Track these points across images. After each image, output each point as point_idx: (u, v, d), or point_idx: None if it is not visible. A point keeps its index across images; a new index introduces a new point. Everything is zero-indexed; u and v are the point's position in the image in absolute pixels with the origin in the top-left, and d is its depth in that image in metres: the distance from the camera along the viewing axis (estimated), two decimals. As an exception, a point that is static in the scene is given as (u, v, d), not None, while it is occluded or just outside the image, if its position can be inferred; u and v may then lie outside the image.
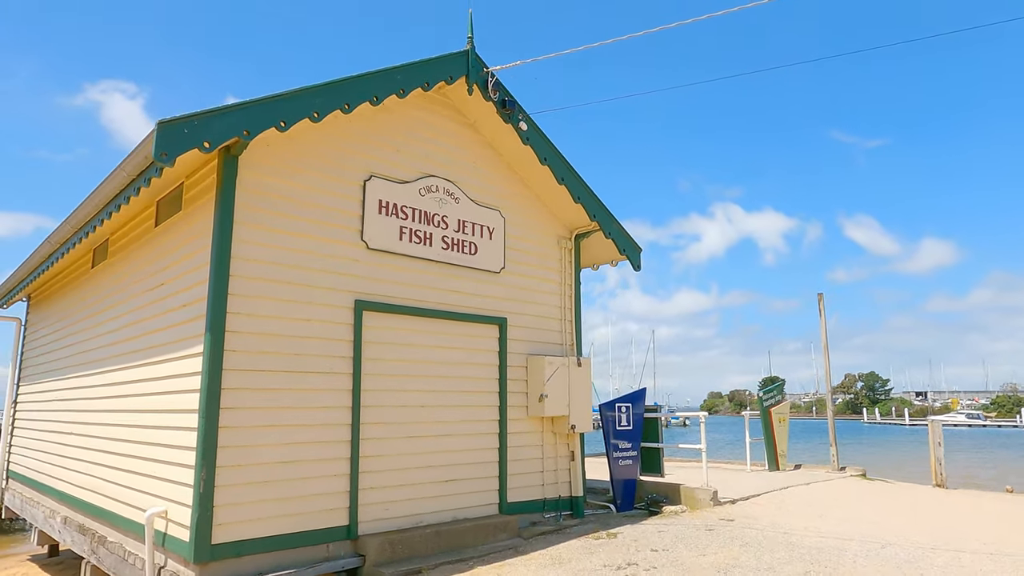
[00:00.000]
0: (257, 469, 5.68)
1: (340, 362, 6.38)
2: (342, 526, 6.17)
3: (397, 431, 6.77)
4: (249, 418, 5.69)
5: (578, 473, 8.37)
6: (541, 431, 8.19)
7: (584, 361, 8.43)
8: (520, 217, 8.37)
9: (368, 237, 6.76)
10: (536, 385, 8.00)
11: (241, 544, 5.51)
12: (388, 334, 6.83)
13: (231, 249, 5.76)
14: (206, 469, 5.37)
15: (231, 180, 5.81)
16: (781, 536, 7.11)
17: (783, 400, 13.47)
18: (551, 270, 8.66)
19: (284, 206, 6.18)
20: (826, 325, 13.25)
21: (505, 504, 7.58)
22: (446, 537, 6.65)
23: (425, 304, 7.16)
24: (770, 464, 12.81)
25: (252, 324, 5.82)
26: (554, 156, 8.09)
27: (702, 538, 7.02)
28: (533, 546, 6.95)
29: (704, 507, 8.60)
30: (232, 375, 5.63)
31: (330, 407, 6.24)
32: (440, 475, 7.05)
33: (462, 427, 7.36)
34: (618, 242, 8.86)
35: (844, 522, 7.89)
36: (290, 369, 6.01)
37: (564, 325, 8.68)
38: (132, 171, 5.81)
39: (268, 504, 5.72)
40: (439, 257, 7.36)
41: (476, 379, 7.58)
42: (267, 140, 6.12)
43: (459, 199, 7.67)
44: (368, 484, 6.42)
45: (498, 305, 7.92)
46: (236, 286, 5.76)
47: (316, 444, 6.09)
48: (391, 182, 7.04)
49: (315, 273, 6.31)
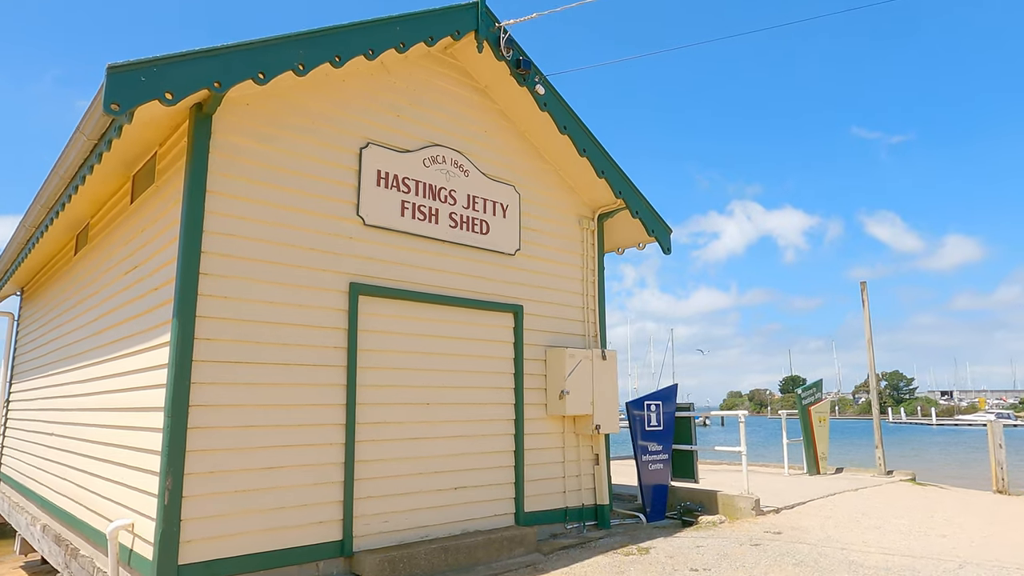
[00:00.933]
0: (233, 476, 4.90)
1: (333, 353, 5.58)
2: (334, 541, 5.37)
3: (399, 432, 5.95)
4: (224, 417, 4.91)
5: (603, 479, 7.50)
6: (562, 432, 7.34)
7: (610, 354, 7.56)
8: (537, 193, 7.52)
9: (365, 212, 5.95)
10: (556, 380, 7.15)
11: (214, 565, 4.73)
12: (388, 322, 6.02)
13: (203, 222, 4.98)
14: (172, 477, 4.59)
15: (203, 143, 5.03)
16: (839, 553, 6.19)
17: (823, 398, 12.48)
18: (572, 253, 7.80)
19: (267, 175, 5.40)
20: (869, 317, 12.23)
21: (522, 514, 6.74)
22: (454, 553, 5.83)
23: (430, 289, 6.34)
24: (809, 467, 11.83)
25: (228, 309, 5.03)
26: (575, 124, 7.24)
27: (748, 555, 6.12)
28: (553, 563, 6.10)
29: (745, 517, 7.69)
30: (204, 368, 4.85)
31: (321, 405, 5.44)
32: (448, 482, 6.23)
33: (473, 428, 6.53)
34: (646, 222, 7.98)
35: (907, 536, 6.94)
36: (273, 361, 5.22)
37: (587, 314, 7.81)
38: (92, 133, 5.05)
39: (247, 517, 4.93)
40: (446, 236, 6.53)
41: (488, 374, 6.75)
42: (246, 98, 5.34)
43: (468, 172, 6.83)
44: (365, 493, 5.62)
45: (513, 291, 7.07)
46: (209, 265, 4.97)
47: (304, 447, 5.29)
48: (391, 151, 6.23)
49: (303, 252, 5.52)
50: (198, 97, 4.89)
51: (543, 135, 7.39)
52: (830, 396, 12.99)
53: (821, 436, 11.98)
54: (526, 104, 7.11)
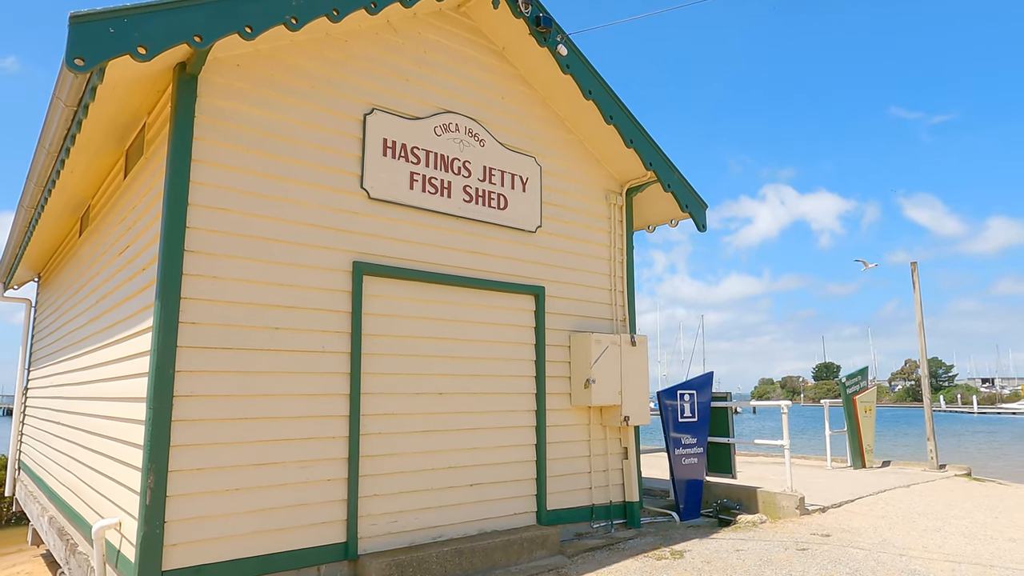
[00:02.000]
0: (224, 474, 4.46)
1: (335, 339, 5.10)
2: (337, 544, 4.91)
3: (408, 425, 5.46)
4: (213, 409, 4.46)
5: (632, 474, 6.94)
6: (587, 424, 6.79)
7: (640, 339, 6.97)
8: (559, 165, 6.93)
9: (370, 185, 5.44)
10: (581, 368, 6.59)
11: (203, 570, 4.30)
12: (396, 305, 5.52)
13: (187, 194, 4.51)
14: (154, 474, 4.16)
15: (188, 106, 4.56)
16: (898, 560, 5.56)
17: (869, 387, 11.70)
18: (598, 230, 7.20)
19: (260, 142, 4.91)
20: (920, 300, 11.39)
21: (544, 512, 6.22)
22: (469, 556, 5.34)
23: (443, 268, 5.82)
24: (854, 460, 11.11)
25: (217, 289, 4.58)
26: (600, 88, 6.61)
27: (795, 562, 5.52)
28: (578, 567, 5.58)
29: (788, 517, 7.07)
30: (190, 354, 4.40)
31: (322, 395, 4.97)
32: (463, 478, 5.74)
33: (490, 419, 6.01)
34: (679, 196, 7.33)
35: (973, 539, 6.26)
36: (268, 347, 4.76)
37: (614, 296, 7.22)
38: (69, 99, 4.60)
39: (239, 518, 4.49)
40: (460, 211, 5.99)
41: (507, 361, 6.21)
42: (237, 58, 4.85)
43: (484, 141, 6.27)
44: (371, 491, 5.15)
45: (534, 271, 6.51)
46: (194, 241, 4.51)
47: (303, 441, 4.83)
48: (399, 117, 5.70)
49: (302, 228, 5.03)
50: (179, 55, 4.42)
51: (566, 101, 6.79)
52: (875, 384, 12.17)
53: (867, 427, 11.23)
54: (547, 67, 6.50)
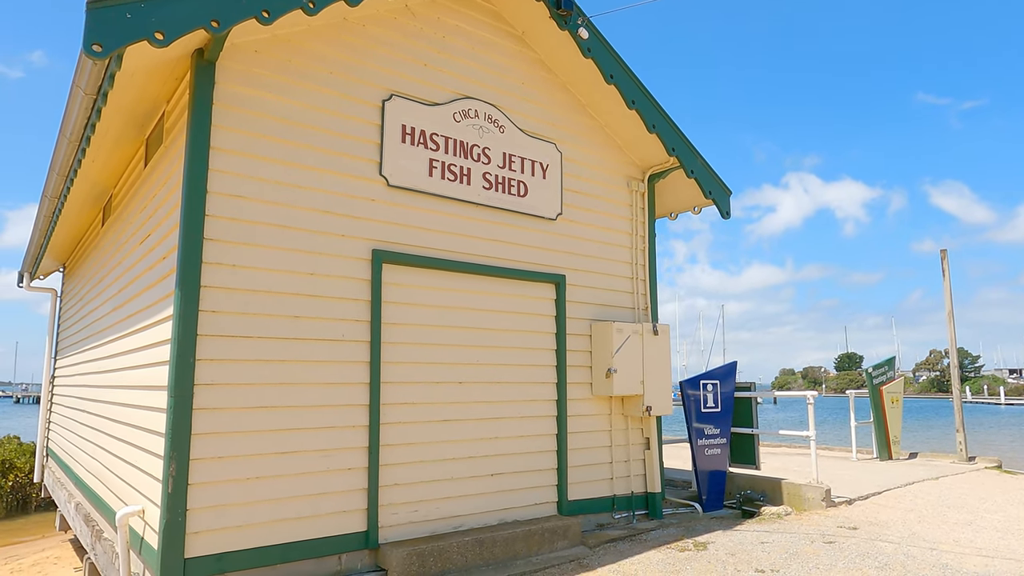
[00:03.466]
0: (245, 462, 4.45)
1: (354, 327, 5.07)
2: (358, 533, 4.90)
3: (428, 414, 5.43)
4: (234, 397, 4.45)
5: (655, 464, 6.86)
6: (609, 413, 6.71)
7: (662, 328, 6.86)
8: (580, 152, 6.82)
9: (389, 172, 5.38)
10: (602, 358, 6.50)
11: (225, 558, 4.31)
12: (416, 293, 5.47)
13: (206, 182, 4.49)
14: (176, 462, 4.17)
15: (206, 93, 4.52)
16: (928, 554, 5.42)
17: (896, 377, 11.46)
18: (620, 218, 7.08)
19: (279, 129, 4.86)
20: (950, 288, 11.11)
21: (565, 503, 6.16)
22: (490, 545, 5.30)
23: (462, 257, 5.76)
24: (880, 452, 10.90)
25: (236, 278, 4.56)
26: (622, 72, 6.48)
27: (822, 555, 5.41)
28: (600, 558, 5.52)
29: (814, 509, 6.94)
30: (210, 343, 4.39)
31: (341, 384, 4.95)
32: (484, 468, 5.70)
33: (511, 409, 5.96)
34: (703, 182, 7.18)
35: (1006, 534, 6.09)
36: (289, 336, 4.73)
37: (636, 285, 7.11)
38: (89, 87, 4.58)
39: (260, 506, 4.49)
40: (479, 198, 5.91)
41: (528, 350, 6.15)
42: (254, 44, 4.80)
43: (504, 127, 6.18)
44: (391, 480, 5.12)
45: (554, 259, 6.43)
46: (214, 229, 4.49)
47: (323, 430, 4.81)
48: (418, 103, 5.62)
49: (320, 215, 4.99)
50: (197, 41, 4.38)
51: (587, 86, 6.67)
52: (902, 374, 11.92)
53: (894, 418, 11.01)
54: (568, 51, 6.38)
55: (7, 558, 9.42)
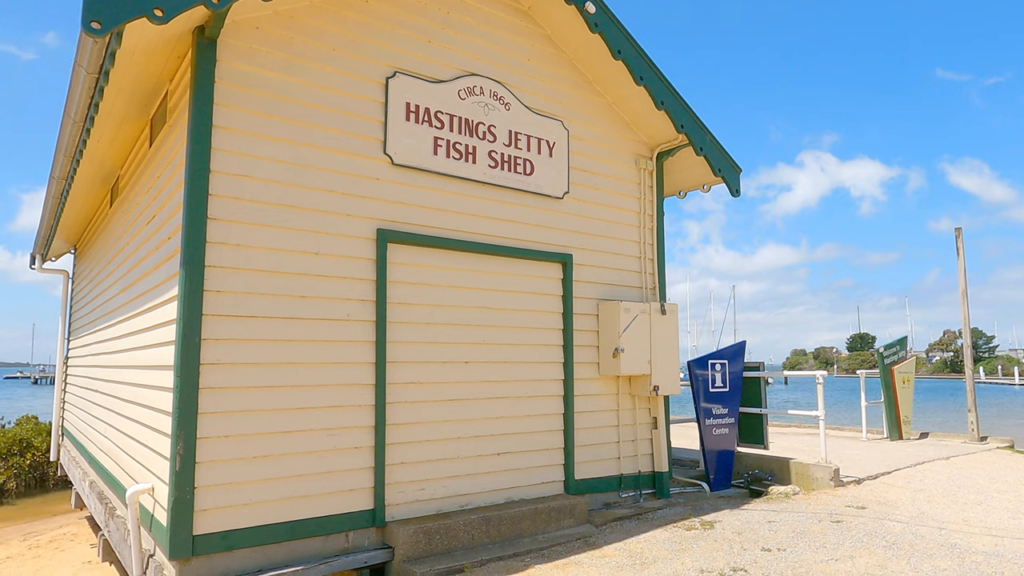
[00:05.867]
0: (252, 441, 4.48)
1: (359, 307, 5.06)
2: (365, 511, 4.94)
3: (435, 393, 5.43)
4: (240, 377, 4.47)
5: (662, 444, 6.85)
6: (616, 393, 6.69)
7: (670, 307, 6.81)
8: (588, 129, 6.73)
9: (393, 151, 5.33)
10: (609, 337, 6.47)
11: (233, 535, 4.35)
12: (421, 273, 5.45)
13: (209, 161, 4.46)
14: (183, 441, 4.20)
15: (207, 71, 4.48)
16: (936, 533, 5.40)
17: (907, 357, 11.36)
18: (627, 196, 7.00)
19: (281, 108, 4.82)
20: (964, 267, 10.95)
21: (572, 482, 6.18)
22: (496, 524, 5.33)
23: (468, 236, 5.72)
24: (891, 432, 10.85)
25: (241, 257, 4.55)
26: (630, 47, 6.36)
27: (829, 534, 5.40)
28: (606, 536, 5.54)
29: (822, 488, 6.92)
30: (215, 322, 4.40)
31: (347, 363, 4.95)
32: (490, 447, 5.71)
33: (518, 388, 5.95)
34: (712, 160, 7.08)
35: (1017, 514, 6.05)
36: (294, 315, 4.73)
37: (644, 264, 7.05)
38: (91, 66, 4.55)
39: (268, 484, 4.52)
40: (485, 177, 5.86)
41: (534, 330, 6.13)
42: (256, 20, 4.75)
43: (510, 105, 6.10)
44: (398, 459, 5.15)
45: (561, 238, 6.37)
46: (217, 208, 4.48)
47: (330, 409, 4.83)
48: (422, 81, 5.56)
49: (324, 195, 4.96)
50: (197, 17, 4.33)
51: (594, 62, 6.56)
52: (914, 354, 11.81)
53: (904, 398, 10.94)
54: (575, 26, 6.27)
55: (26, 535, 9.60)
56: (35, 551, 8.38)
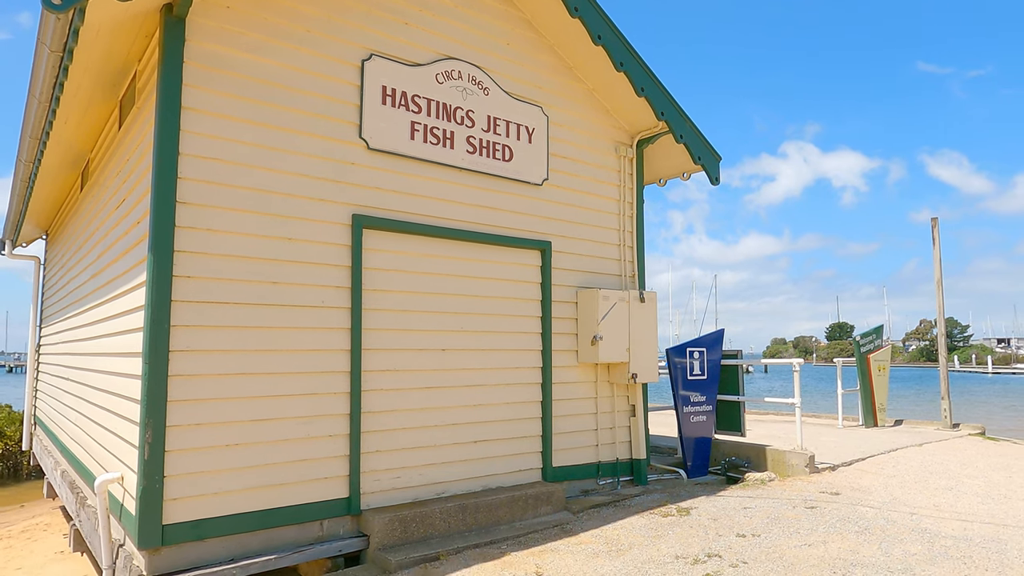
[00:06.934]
0: (224, 429, 4.41)
1: (334, 294, 4.99)
2: (340, 499, 4.89)
3: (411, 380, 5.39)
4: (211, 364, 4.39)
5: (640, 431, 6.87)
6: (595, 381, 6.69)
7: (648, 295, 6.81)
8: (568, 116, 6.68)
9: (369, 135, 5.25)
10: (588, 325, 6.46)
11: (204, 524, 4.29)
12: (398, 259, 5.38)
13: (178, 143, 4.35)
14: (152, 429, 4.12)
15: (176, 50, 4.36)
16: (908, 519, 5.47)
17: (883, 345, 11.51)
18: (607, 183, 6.97)
19: (253, 89, 4.71)
20: (940, 257, 11.09)
21: (550, 469, 6.18)
22: (473, 512, 5.31)
23: (445, 222, 5.66)
24: (866, 419, 11.00)
25: (211, 242, 4.45)
26: (611, 33, 6.31)
27: (803, 519, 5.46)
28: (583, 524, 5.55)
29: (798, 475, 7.00)
30: (185, 308, 4.31)
31: (322, 350, 4.88)
32: (467, 434, 5.68)
33: (495, 376, 5.93)
34: (692, 148, 7.06)
35: (986, 499, 6.16)
36: (267, 302, 4.65)
37: (623, 252, 7.04)
38: (54, 44, 4.41)
39: (240, 473, 4.46)
40: (463, 163, 5.79)
41: (513, 317, 6.09)
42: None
43: (488, 90, 6.03)
44: (373, 446, 5.10)
45: (540, 225, 6.33)
46: (187, 192, 4.37)
47: (304, 397, 4.77)
48: (399, 64, 5.46)
49: (298, 179, 4.87)
50: (164, -6, 4.20)
51: (574, 47, 6.50)
52: (890, 343, 11.97)
53: (880, 386, 11.09)
54: (554, 10, 6.20)
55: (-3, 524, 9.44)
56: (6, 541, 8.24)
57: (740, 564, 4.49)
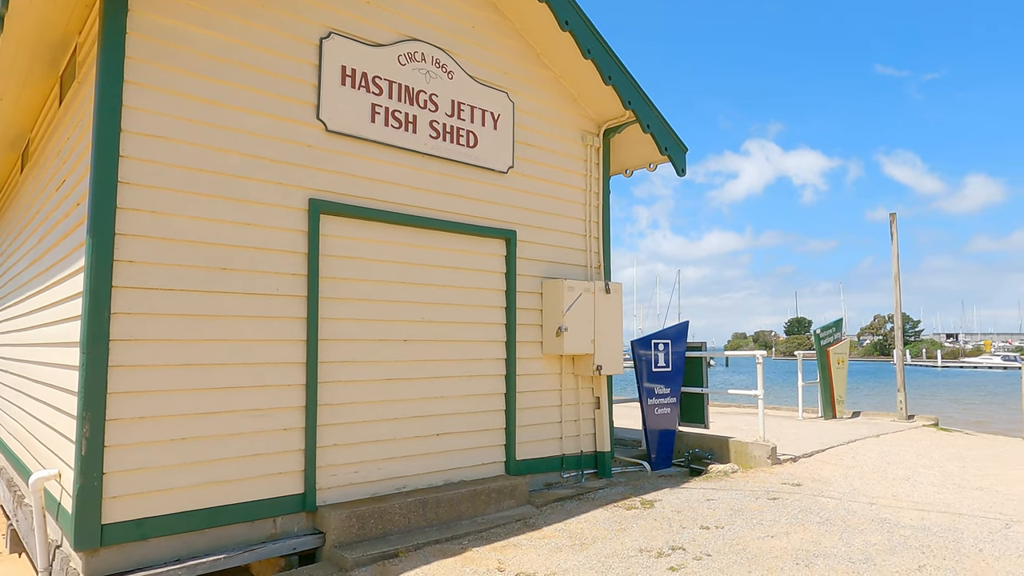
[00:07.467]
0: (170, 422, 4.18)
1: (289, 281, 4.77)
2: (294, 495, 4.70)
3: (371, 372, 5.21)
4: (156, 354, 4.15)
5: (604, 424, 6.81)
6: (559, 373, 6.60)
7: (614, 287, 6.74)
8: (534, 103, 6.54)
9: (327, 116, 5.03)
10: (553, 316, 6.36)
11: (148, 523, 4.06)
12: (358, 247, 5.19)
13: (120, 120, 4.09)
14: (90, 424, 3.87)
15: (117, 21, 4.09)
16: (867, 509, 5.52)
17: (842, 339, 11.70)
18: (574, 173, 6.87)
19: (204, 65, 4.46)
20: (898, 252, 11.30)
21: (513, 463, 6.07)
22: (434, 506, 5.17)
23: (407, 209, 5.48)
24: (825, 411, 11.17)
25: (157, 225, 4.20)
26: (578, 19, 6.19)
27: (766, 511, 5.46)
28: (547, 518, 5.46)
29: (760, 466, 7.03)
30: (127, 295, 4.06)
31: (276, 340, 4.67)
32: (429, 427, 5.53)
33: (458, 367, 5.78)
34: (659, 138, 7.00)
35: (941, 489, 6.26)
36: (217, 289, 4.42)
37: (589, 243, 6.95)
38: (-17, 11, 4.11)
39: (187, 469, 4.23)
40: (426, 148, 5.62)
41: (476, 307, 5.95)
42: (173, -32, 4.36)
43: (453, 73, 5.86)
44: (331, 440, 4.91)
45: (505, 214, 6.20)
46: (129, 171, 4.12)
47: (256, 389, 4.55)
48: (360, 43, 5.26)
49: (251, 160, 4.64)
50: (104, -41, 3.93)
51: (541, 33, 6.36)
52: (848, 337, 12.19)
53: (839, 378, 11.27)
54: (521, -7, 6.05)
55: (-69, 525, 8.93)
56: (-61, 543, 7.78)
57: (704, 557, 4.44)
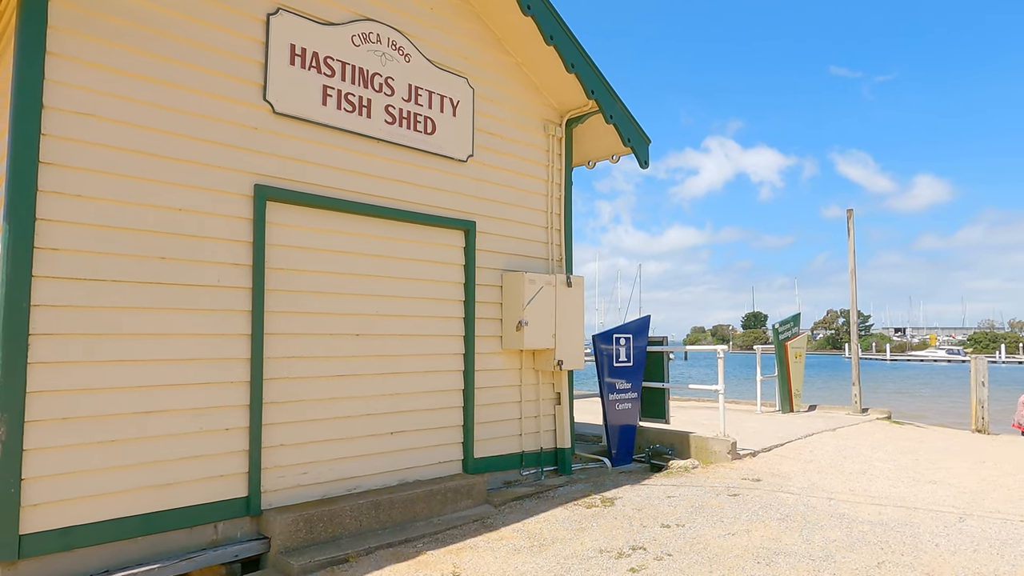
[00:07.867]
0: (99, 423, 3.87)
1: (232, 272, 4.49)
2: (238, 498, 4.43)
3: (321, 368, 4.96)
4: (83, 350, 3.83)
5: (565, 420, 6.68)
6: (519, 368, 6.43)
7: (576, 280, 6.60)
8: (495, 90, 6.34)
9: (274, 97, 4.75)
10: (513, 310, 6.19)
11: (74, 532, 3.76)
12: (307, 236, 4.92)
13: (41, 95, 3.75)
14: (6, 425, 3.54)
15: (39, -14, 3.75)
16: (826, 504, 5.51)
17: (800, 333, 11.83)
18: (535, 163, 6.70)
19: (137, 38, 4.14)
20: (854, 248, 11.47)
21: (471, 461, 5.88)
22: (387, 508, 4.96)
23: (360, 197, 5.23)
24: (783, 404, 11.29)
25: (83, 211, 3.88)
26: (542, 4, 6.00)
27: (727, 508, 5.39)
28: (505, 517, 5.30)
29: (720, 462, 6.99)
30: (50, 286, 3.74)
31: (217, 334, 4.39)
32: (383, 425, 5.31)
33: (414, 363, 5.56)
34: (622, 129, 6.88)
35: (895, 482, 6.31)
36: (152, 280, 4.12)
37: (550, 235, 6.79)
38: None
39: (119, 473, 3.93)
40: (381, 134, 5.37)
41: (434, 301, 5.74)
42: (103, -69, 4.02)
43: (410, 57, 5.61)
44: (277, 440, 4.65)
45: (464, 204, 5.99)
46: (52, 151, 3.78)
47: (195, 386, 4.27)
48: (310, 21, 4.97)
49: (190, 142, 4.33)
50: (22, -83, 3.58)
51: (503, 18, 6.16)
52: (805, 331, 12.36)
53: (796, 372, 11.40)
54: (482, -25, 5.83)
55: None
56: None
57: (665, 556, 4.34)
